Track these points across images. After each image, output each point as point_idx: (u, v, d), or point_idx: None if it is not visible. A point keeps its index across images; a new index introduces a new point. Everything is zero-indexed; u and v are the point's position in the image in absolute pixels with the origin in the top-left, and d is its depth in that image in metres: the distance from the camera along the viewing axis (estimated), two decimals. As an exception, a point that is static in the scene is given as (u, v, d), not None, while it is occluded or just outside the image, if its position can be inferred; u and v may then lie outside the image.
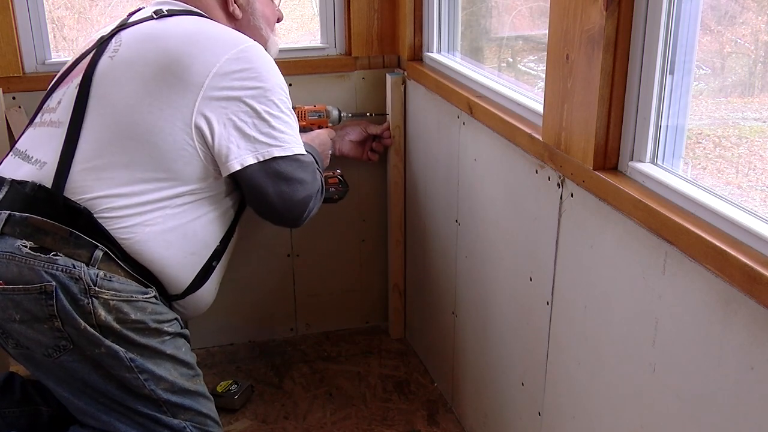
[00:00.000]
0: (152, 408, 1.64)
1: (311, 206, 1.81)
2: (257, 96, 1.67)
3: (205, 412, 1.71)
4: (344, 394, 2.26)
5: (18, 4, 2.10)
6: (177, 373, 1.67)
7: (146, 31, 1.74)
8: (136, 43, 1.71)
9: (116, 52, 1.70)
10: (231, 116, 1.65)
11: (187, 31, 1.73)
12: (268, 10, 1.93)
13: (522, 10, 2.12)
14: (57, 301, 1.55)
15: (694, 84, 1.30)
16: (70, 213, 1.61)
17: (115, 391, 1.62)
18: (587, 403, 1.47)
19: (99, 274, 1.58)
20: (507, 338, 1.79)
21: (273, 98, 1.70)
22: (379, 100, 2.38)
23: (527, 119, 1.64)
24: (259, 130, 1.67)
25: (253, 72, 1.68)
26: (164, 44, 1.68)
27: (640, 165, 1.31)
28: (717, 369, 1.11)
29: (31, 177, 1.65)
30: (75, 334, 1.57)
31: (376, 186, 2.47)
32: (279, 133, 1.70)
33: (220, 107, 1.64)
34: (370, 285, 2.59)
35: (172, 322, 1.69)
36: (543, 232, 1.56)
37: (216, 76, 1.64)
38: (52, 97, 1.76)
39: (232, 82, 1.65)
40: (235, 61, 1.67)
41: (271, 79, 1.71)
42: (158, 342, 1.65)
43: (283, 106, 1.72)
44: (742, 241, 1.08)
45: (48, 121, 1.72)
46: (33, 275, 1.55)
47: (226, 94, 1.65)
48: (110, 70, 1.68)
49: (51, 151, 1.66)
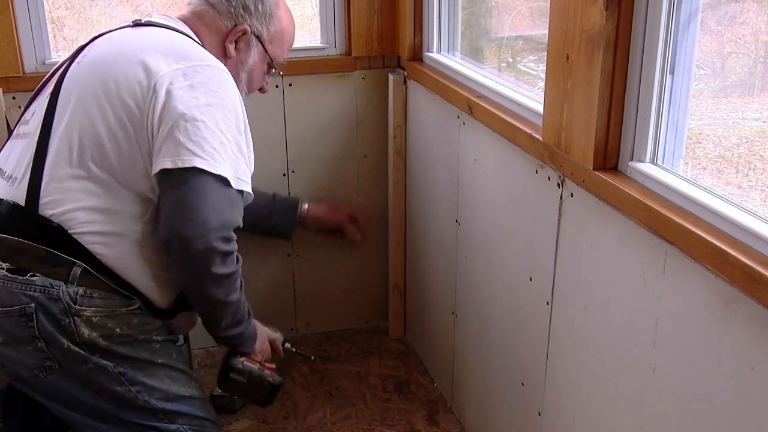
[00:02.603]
0: (148, 418, 1.63)
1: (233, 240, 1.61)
2: (201, 106, 1.57)
3: (202, 414, 1.70)
4: (344, 394, 2.26)
5: (18, 4, 2.10)
6: (170, 381, 1.65)
7: (116, 36, 1.71)
8: (104, 48, 1.67)
9: (84, 57, 1.66)
10: (170, 121, 1.55)
11: (153, 38, 1.68)
12: (258, 71, 1.86)
13: (522, 10, 2.12)
14: (38, 322, 1.52)
15: (694, 84, 1.30)
16: (46, 231, 1.57)
17: (107, 405, 1.60)
18: (587, 403, 1.47)
19: (79, 292, 1.55)
20: (507, 338, 1.79)
21: (217, 115, 1.57)
22: (378, 100, 2.38)
23: (527, 119, 1.64)
24: (187, 136, 1.54)
25: (205, 85, 1.59)
26: (125, 47, 1.65)
27: (640, 165, 1.31)
28: (717, 369, 1.11)
29: (6, 195, 1.61)
30: (59, 354, 1.55)
31: (376, 186, 2.47)
32: (210, 147, 1.55)
33: (164, 108, 1.55)
34: (370, 285, 2.59)
35: (160, 329, 1.66)
36: (543, 232, 1.56)
37: (164, 78, 1.57)
38: (29, 109, 1.72)
39: (185, 86, 1.57)
40: (189, 71, 1.59)
41: (226, 100, 1.60)
42: (149, 352, 1.62)
43: (224, 127, 1.58)
44: (742, 241, 1.08)
45: (22, 133, 1.68)
46: (12, 298, 1.53)
47: (172, 97, 1.56)
48: (75, 75, 1.64)
49: (22, 166, 1.62)
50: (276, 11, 1.84)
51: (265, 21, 1.82)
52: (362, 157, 2.45)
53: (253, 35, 1.82)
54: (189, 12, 1.81)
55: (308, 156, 2.40)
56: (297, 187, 2.41)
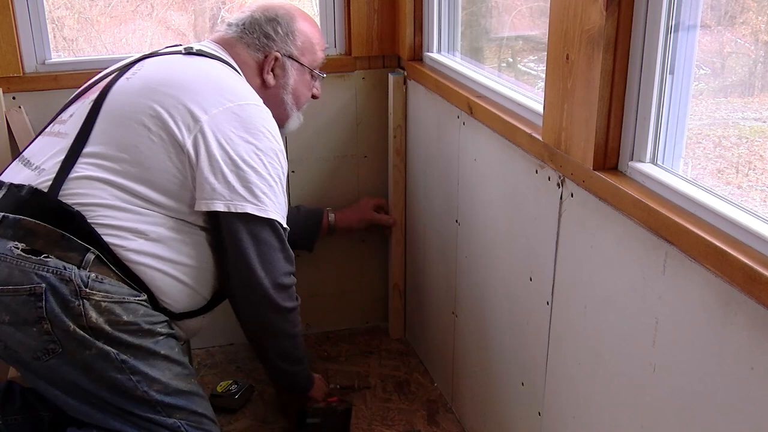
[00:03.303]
0: (146, 409, 1.64)
1: (290, 283, 1.81)
2: (249, 151, 1.68)
3: (201, 411, 1.71)
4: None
5: (18, 4, 2.10)
6: (171, 374, 1.67)
7: (168, 60, 1.80)
8: (154, 69, 1.76)
9: (134, 75, 1.75)
10: (219, 160, 1.66)
11: (205, 70, 1.78)
12: (302, 86, 1.95)
13: (522, 10, 2.12)
14: (46, 303, 1.55)
15: (694, 84, 1.30)
16: (64, 216, 1.61)
17: (106, 393, 1.62)
18: (587, 403, 1.47)
19: (90, 276, 1.58)
20: (507, 338, 1.79)
21: (264, 159, 1.70)
22: (379, 100, 2.38)
23: (527, 119, 1.64)
24: (239, 181, 1.67)
25: (253, 127, 1.70)
26: (178, 75, 1.74)
27: (640, 165, 1.31)
28: (717, 369, 1.11)
29: (29, 181, 1.66)
30: (64, 337, 1.57)
31: (376, 186, 2.47)
32: (259, 191, 1.68)
33: (210, 148, 1.66)
34: (370, 285, 2.59)
35: (164, 323, 1.69)
36: (543, 232, 1.56)
37: (216, 116, 1.67)
38: (67, 110, 1.79)
39: (230, 127, 1.67)
40: (238, 112, 1.69)
41: (268, 142, 1.71)
42: (152, 342, 1.64)
43: (271, 170, 1.71)
44: (742, 241, 1.08)
45: (56, 131, 1.75)
46: (23, 277, 1.56)
47: (219, 137, 1.66)
48: (123, 90, 1.72)
49: (52, 159, 1.68)
50: (293, 26, 1.92)
51: (289, 40, 1.91)
52: (362, 157, 2.45)
53: (285, 57, 1.90)
54: (223, 40, 1.89)
55: (308, 156, 2.40)
56: (297, 187, 2.41)
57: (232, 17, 1.95)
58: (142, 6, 2.67)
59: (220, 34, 1.92)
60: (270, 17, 1.90)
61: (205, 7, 2.73)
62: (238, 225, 1.69)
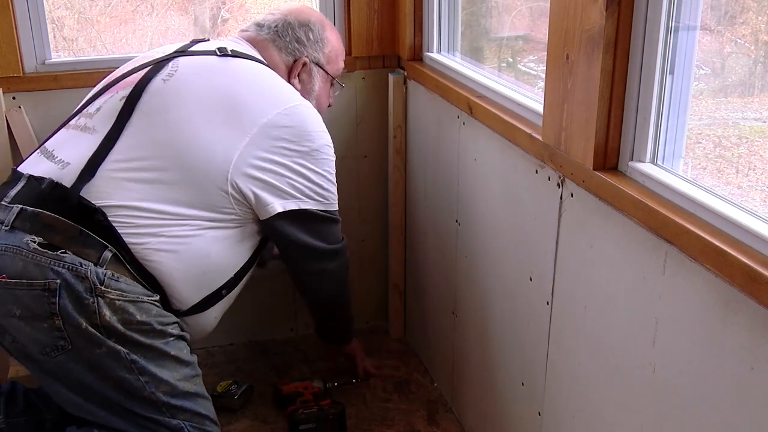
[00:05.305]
0: (151, 410, 1.64)
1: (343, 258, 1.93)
2: (303, 153, 1.73)
3: (204, 412, 1.71)
4: (344, 394, 2.26)
5: (18, 4, 2.10)
6: (179, 375, 1.67)
7: (206, 64, 1.78)
8: (193, 74, 1.75)
9: (170, 77, 1.73)
10: (274, 167, 1.70)
11: (245, 75, 1.78)
12: (323, 93, 2.00)
13: (522, 10, 2.12)
14: (59, 299, 1.54)
15: (694, 84, 1.30)
16: (84, 212, 1.60)
17: (112, 392, 1.62)
18: (587, 403, 1.47)
19: (107, 274, 1.58)
20: (507, 338, 1.79)
21: (318, 157, 1.76)
22: (379, 100, 2.38)
23: (527, 119, 1.64)
24: (301, 184, 1.74)
25: (302, 130, 1.74)
26: (220, 82, 1.74)
27: (640, 165, 1.31)
28: (717, 369, 1.11)
29: (51, 174, 1.64)
30: (75, 334, 1.57)
31: (376, 186, 2.47)
32: (320, 189, 1.78)
33: (263, 157, 1.69)
34: (370, 285, 2.58)
35: (175, 324, 1.69)
36: (543, 232, 1.56)
37: (265, 127, 1.69)
38: (93, 104, 1.77)
39: (280, 135, 1.70)
40: (286, 117, 1.72)
41: (318, 140, 1.77)
42: (162, 343, 1.64)
43: (327, 166, 1.79)
44: (742, 241, 1.08)
45: (83, 125, 1.73)
46: (38, 272, 1.55)
47: (271, 145, 1.69)
48: (161, 92, 1.71)
49: (78, 154, 1.66)
50: (324, 34, 1.96)
51: (319, 47, 1.96)
52: (362, 157, 2.45)
53: (312, 64, 1.93)
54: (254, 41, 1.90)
55: (308, 156, 2.40)
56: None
57: (261, 18, 1.95)
58: (142, 6, 2.68)
59: (250, 34, 1.92)
60: (303, 22, 1.92)
61: (205, 7, 2.73)
62: (297, 220, 1.77)
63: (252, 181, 1.68)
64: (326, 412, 2.06)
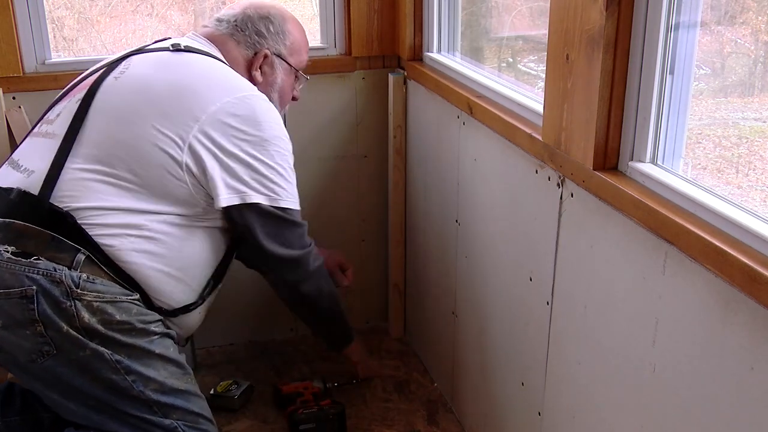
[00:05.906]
0: (142, 409, 1.64)
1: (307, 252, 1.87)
2: (253, 143, 1.70)
3: (197, 410, 1.71)
4: (344, 394, 2.26)
5: (18, 4, 2.10)
6: (167, 373, 1.66)
7: (158, 59, 1.78)
8: (145, 69, 1.75)
9: (122, 74, 1.74)
10: (224, 156, 1.67)
11: (196, 67, 1.77)
12: (287, 86, 1.97)
13: (522, 10, 2.12)
14: (38, 305, 1.55)
15: (694, 84, 1.30)
16: (54, 218, 1.61)
17: (102, 393, 1.62)
18: (587, 403, 1.47)
19: (81, 276, 1.58)
20: (507, 338, 1.79)
21: (269, 148, 1.72)
22: (379, 100, 2.38)
23: (527, 119, 1.63)
24: (249, 175, 1.70)
25: (252, 119, 1.71)
26: (172, 74, 1.73)
27: (640, 165, 1.31)
28: (717, 369, 1.11)
29: (18, 184, 1.65)
30: (58, 338, 1.56)
31: (376, 186, 2.47)
32: (269, 182, 1.72)
33: (213, 144, 1.67)
34: (370, 285, 2.58)
35: (158, 322, 1.68)
36: (543, 232, 1.56)
37: (215, 114, 1.67)
38: (53, 110, 1.78)
39: (230, 123, 1.68)
40: (235, 105, 1.70)
41: (270, 130, 1.73)
42: (146, 342, 1.64)
43: (279, 158, 1.74)
44: (742, 241, 1.08)
45: (44, 132, 1.74)
46: (14, 280, 1.55)
47: (222, 132, 1.67)
48: (114, 89, 1.71)
49: (41, 161, 1.67)
50: (285, 26, 1.94)
51: (280, 39, 1.94)
52: (362, 157, 2.45)
53: (274, 56, 1.91)
54: (212, 36, 1.89)
55: (308, 156, 2.39)
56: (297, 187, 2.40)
57: (221, 13, 1.93)
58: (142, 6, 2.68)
59: (209, 29, 1.90)
60: (263, 15, 1.91)
61: (205, 7, 2.73)
62: (250, 215, 1.72)
63: (203, 162, 1.66)
64: (326, 412, 2.06)
